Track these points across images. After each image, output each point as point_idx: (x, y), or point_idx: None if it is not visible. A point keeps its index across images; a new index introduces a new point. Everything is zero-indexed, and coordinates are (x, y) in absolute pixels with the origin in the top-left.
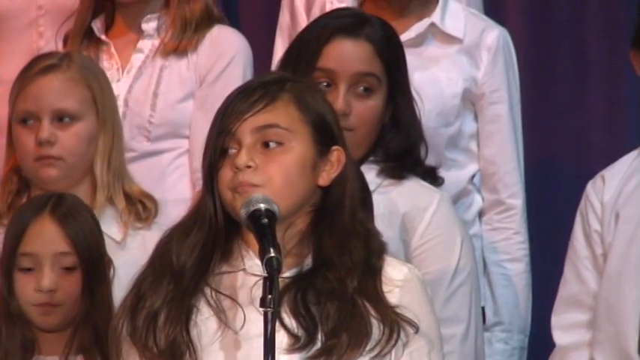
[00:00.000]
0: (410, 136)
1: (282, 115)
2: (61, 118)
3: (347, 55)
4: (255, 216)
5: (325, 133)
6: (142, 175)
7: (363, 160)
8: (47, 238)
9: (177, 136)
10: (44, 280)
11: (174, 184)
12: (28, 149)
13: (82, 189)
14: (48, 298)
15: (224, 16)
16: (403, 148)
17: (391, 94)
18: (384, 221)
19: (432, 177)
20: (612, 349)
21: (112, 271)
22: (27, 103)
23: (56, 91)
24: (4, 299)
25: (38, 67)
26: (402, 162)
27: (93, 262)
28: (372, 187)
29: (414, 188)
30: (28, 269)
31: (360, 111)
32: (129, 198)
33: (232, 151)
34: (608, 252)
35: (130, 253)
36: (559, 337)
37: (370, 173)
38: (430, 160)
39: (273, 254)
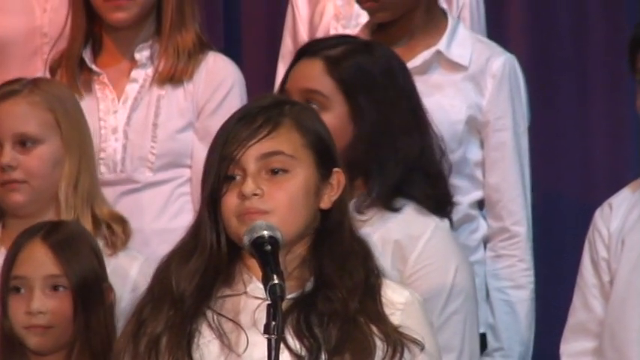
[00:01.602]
0: (370, 155)
1: (285, 141)
2: (23, 142)
3: (298, 73)
4: (258, 243)
5: (325, 155)
6: (146, 205)
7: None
8: (37, 261)
9: (179, 166)
10: (34, 302)
11: (177, 213)
12: None
13: (49, 214)
14: (38, 320)
15: (211, 42)
16: (361, 165)
17: (356, 113)
18: (376, 250)
19: (437, 205)
20: None
21: (112, 297)
22: None
23: (16, 115)
24: (1, 324)
25: (0, 93)
26: (379, 185)
27: (85, 286)
28: (361, 218)
29: (409, 216)
30: (20, 292)
31: None
32: (96, 221)
33: (237, 178)
34: (614, 279)
35: None
36: None
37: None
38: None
39: (276, 281)
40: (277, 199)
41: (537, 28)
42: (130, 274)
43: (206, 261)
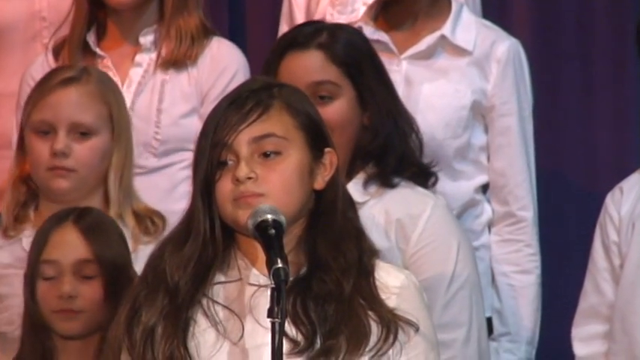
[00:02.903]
0: (382, 134)
1: (277, 123)
2: (77, 131)
3: (297, 68)
4: (262, 227)
5: (317, 135)
6: (151, 188)
7: (351, 172)
8: (69, 245)
9: (183, 150)
10: (65, 286)
11: (183, 195)
12: (41, 159)
13: (90, 204)
14: (68, 304)
15: (215, 29)
16: (378, 146)
17: (362, 95)
18: (379, 231)
19: (423, 177)
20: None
21: None
22: (44, 113)
23: (74, 103)
24: (28, 308)
25: (58, 78)
26: (383, 164)
27: (115, 272)
28: (362, 199)
29: (406, 195)
30: (50, 277)
31: (325, 118)
32: (138, 216)
33: (230, 163)
34: (624, 262)
35: (138, 266)
36: (578, 348)
37: (357, 186)
38: (438, 170)
39: (280, 265)
40: (272, 182)
41: (541, 16)
42: None
43: (200, 248)
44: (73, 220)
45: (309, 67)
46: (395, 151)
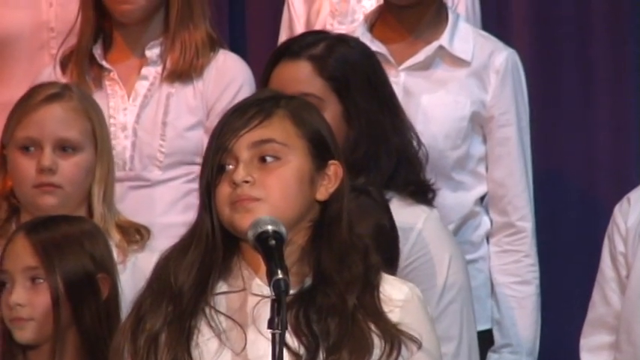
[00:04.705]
0: (361, 150)
1: (277, 130)
2: (63, 147)
3: (285, 77)
4: (262, 238)
5: (322, 147)
6: (155, 201)
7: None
8: (17, 253)
9: (188, 163)
10: (12, 295)
11: (186, 208)
12: (27, 176)
13: None
14: (18, 312)
15: (223, 41)
16: (357, 161)
17: (348, 111)
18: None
19: (421, 194)
20: None
21: (108, 287)
22: (29, 130)
23: (60, 120)
24: (1, 319)
25: (41, 95)
26: (370, 179)
27: (71, 280)
28: None
29: (399, 209)
30: (5, 286)
31: None
32: (121, 228)
33: (229, 167)
34: (630, 273)
35: (128, 275)
36: (586, 358)
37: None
38: (437, 182)
39: (280, 276)
40: (269, 186)
41: (541, 22)
42: (150, 268)
43: (203, 252)
44: (25, 231)
45: (295, 77)
46: (380, 165)
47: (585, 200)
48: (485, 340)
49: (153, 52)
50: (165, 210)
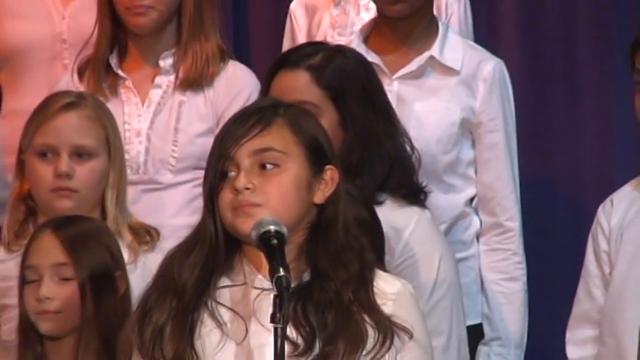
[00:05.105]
0: (355, 155)
1: (276, 138)
2: (79, 153)
3: (284, 85)
4: (265, 237)
5: (318, 153)
6: (166, 203)
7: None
8: (46, 250)
9: (197, 168)
10: (42, 289)
11: (196, 210)
12: (45, 180)
13: None
14: (47, 305)
15: (232, 52)
16: (351, 165)
17: (344, 118)
18: None
19: (412, 196)
20: None
21: (125, 285)
22: (47, 137)
23: (76, 127)
24: (20, 314)
25: (58, 104)
26: (364, 182)
27: (94, 275)
28: None
29: (392, 210)
30: (32, 281)
31: None
32: (133, 229)
33: (231, 174)
34: (612, 270)
35: (139, 274)
36: (571, 351)
37: None
38: (430, 184)
39: (282, 273)
40: (269, 192)
41: (528, 32)
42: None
43: (206, 254)
44: (52, 228)
45: (294, 86)
46: (373, 170)
47: (572, 202)
48: (476, 333)
49: (166, 61)
50: (176, 212)
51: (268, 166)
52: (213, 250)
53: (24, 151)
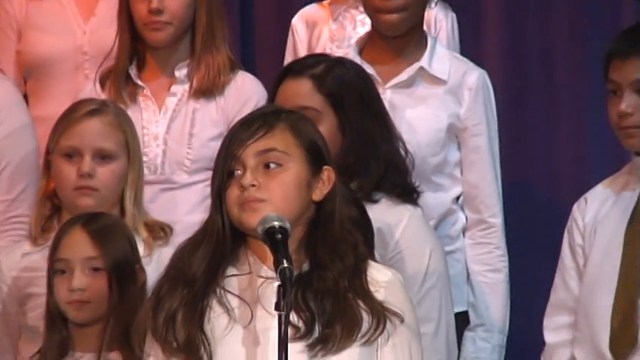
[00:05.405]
0: (352, 156)
1: (279, 140)
2: (101, 156)
3: (289, 93)
4: (270, 232)
5: (317, 155)
6: (182, 201)
7: None
8: (77, 244)
9: (210, 169)
10: (74, 281)
11: (207, 208)
12: (69, 179)
13: None
14: (78, 295)
15: (240, 63)
16: (348, 166)
17: (342, 123)
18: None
19: (406, 195)
20: (588, 347)
21: (144, 277)
22: (72, 140)
23: (98, 132)
24: (48, 302)
25: (83, 110)
26: (362, 182)
27: (119, 267)
28: None
29: (386, 208)
30: (63, 272)
31: None
32: (148, 226)
33: (238, 173)
34: (586, 263)
35: (154, 267)
36: (549, 336)
37: None
38: (420, 184)
39: (286, 265)
40: (272, 189)
41: (510, 46)
42: None
43: (213, 246)
44: (81, 224)
45: (297, 93)
46: (369, 171)
47: (549, 201)
48: (463, 320)
49: (181, 72)
50: (190, 210)
51: (272, 166)
52: (220, 242)
53: (50, 152)
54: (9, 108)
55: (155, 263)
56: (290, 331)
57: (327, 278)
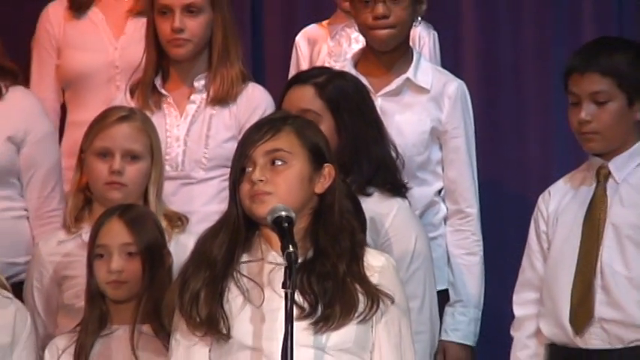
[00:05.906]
0: (346, 154)
1: (285, 141)
2: (129, 156)
3: (294, 97)
4: (278, 221)
5: (319, 154)
6: (200, 194)
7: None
8: (115, 232)
9: (224, 167)
10: (113, 263)
11: (223, 199)
12: (101, 175)
13: None
14: (116, 276)
15: (251, 75)
16: (343, 163)
17: (338, 125)
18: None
19: (396, 190)
20: (551, 320)
21: (171, 260)
22: (104, 141)
23: (128, 135)
24: (88, 283)
25: (114, 116)
26: (356, 177)
27: (151, 251)
28: None
29: (378, 200)
30: (102, 256)
31: None
32: (167, 217)
33: (249, 169)
34: (550, 247)
35: (170, 250)
36: (517, 310)
37: None
38: (408, 180)
39: (291, 250)
40: (277, 184)
41: (484, 59)
42: (189, 245)
43: (230, 234)
44: (118, 214)
45: (301, 97)
46: (361, 168)
47: (518, 193)
48: (444, 297)
49: (199, 83)
50: (206, 202)
51: (277, 163)
52: (236, 230)
53: (84, 151)
54: (35, 118)
55: (173, 248)
56: (296, 311)
57: (328, 263)
